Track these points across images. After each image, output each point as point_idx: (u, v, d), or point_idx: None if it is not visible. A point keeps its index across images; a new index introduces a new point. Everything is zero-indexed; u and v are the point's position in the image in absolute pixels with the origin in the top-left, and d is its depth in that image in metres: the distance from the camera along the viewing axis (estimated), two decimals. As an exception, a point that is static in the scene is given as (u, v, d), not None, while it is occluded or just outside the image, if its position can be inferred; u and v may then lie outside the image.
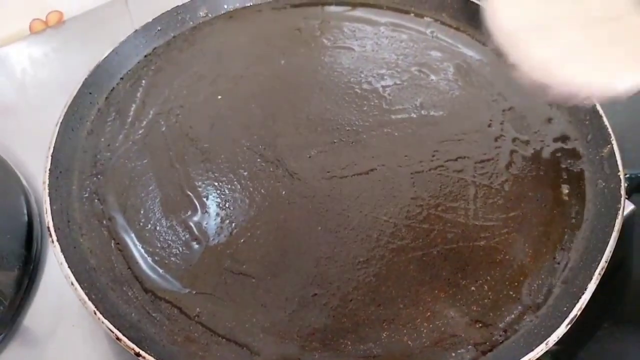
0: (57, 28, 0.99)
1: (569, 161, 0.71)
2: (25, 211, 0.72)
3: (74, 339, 0.65)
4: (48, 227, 0.60)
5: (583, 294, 0.56)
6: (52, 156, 0.66)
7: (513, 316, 0.58)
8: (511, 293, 0.59)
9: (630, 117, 0.80)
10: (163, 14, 0.85)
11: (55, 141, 0.68)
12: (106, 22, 1.00)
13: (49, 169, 0.65)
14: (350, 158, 0.70)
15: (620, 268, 0.67)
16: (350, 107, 0.77)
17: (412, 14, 0.90)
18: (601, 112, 0.71)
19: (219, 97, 0.78)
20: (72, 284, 0.56)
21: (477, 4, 0.86)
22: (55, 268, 0.68)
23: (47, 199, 0.62)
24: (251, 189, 0.67)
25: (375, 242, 0.63)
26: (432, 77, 0.81)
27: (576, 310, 0.55)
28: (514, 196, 0.67)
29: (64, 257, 0.58)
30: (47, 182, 0.64)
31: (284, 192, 0.67)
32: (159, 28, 0.85)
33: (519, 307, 0.58)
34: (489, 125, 0.75)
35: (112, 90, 0.78)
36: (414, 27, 0.88)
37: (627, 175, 0.65)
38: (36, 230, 0.71)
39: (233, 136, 0.73)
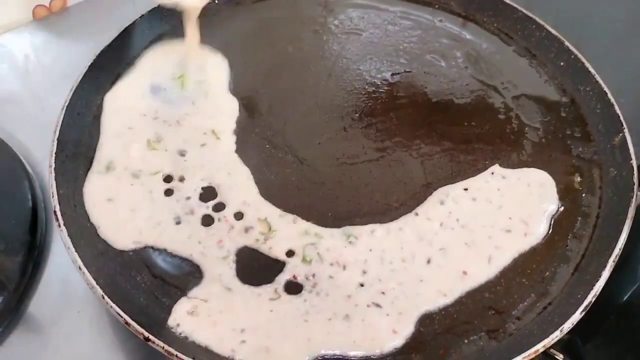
0: (61, 14, 0.98)
1: (580, 149, 0.70)
2: (29, 197, 0.71)
3: (79, 326, 0.64)
4: (55, 212, 0.59)
5: (597, 281, 0.56)
6: (58, 140, 0.65)
7: (526, 303, 0.57)
8: (524, 280, 0.59)
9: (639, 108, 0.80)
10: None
11: (61, 125, 0.67)
12: (110, 8, 0.99)
13: (55, 153, 0.64)
14: (360, 145, 0.70)
15: (629, 257, 0.66)
16: (360, 94, 0.76)
17: (420, 3, 0.89)
18: (612, 100, 0.71)
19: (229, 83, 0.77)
20: (79, 268, 0.55)
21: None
22: (60, 254, 0.68)
23: (54, 183, 0.61)
24: (260, 176, 0.66)
25: (386, 229, 0.62)
26: (442, 63, 0.80)
27: (591, 297, 0.55)
28: (526, 183, 0.67)
29: (71, 241, 0.57)
30: (54, 166, 0.63)
31: (293, 179, 0.66)
32: (165, 14, 0.84)
33: (532, 294, 0.58)
34: (499, 113, 0.74)
35: (118, 75, 0.76)
36: (422, 15, 0.87)
37: (638, 165, 0.65)
38: (41, 216, 0.71)
39: (243, 123, 0.72)
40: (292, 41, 0.83)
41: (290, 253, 0.59)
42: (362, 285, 0.57)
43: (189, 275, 0.58)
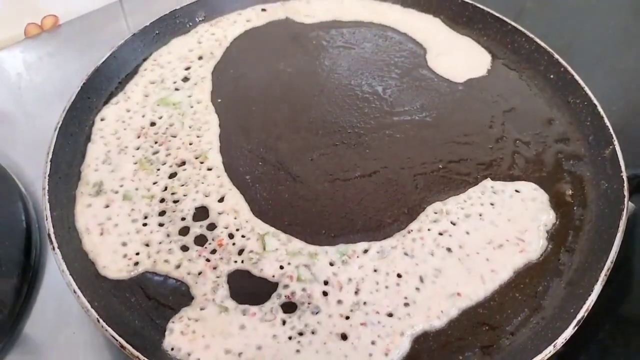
0: (53, 32, 0.98)
1: (571, 162, 0.71)
2: (23, 217, 0.71)
3: (75, 347, 0.64)
4: (49, 234, 0.59)
5: (590, 295, 0.56)
6: (51, 161, 0.65)
7: (520, 318, 0.57)
8: (517, 295, 0.59)
9: (628, 116, 0.81)
10: (161, 17, 0.85)
11: (55, 146, 0.67)
12: (102, 26, 1.00)
13: (49, 175, 0.64)
14: (353, 161, 0.70)
15: (620, 268, 0.67)
16: (352, 109, 0.76)
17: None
18: (602, 112, 0.72)
19: (219, 100, 0.77)
20: (74, 291, 0.55)
21: (475, 5, 0.86)
22: (54, 274, 0.68)
23: (47, 205, 0.61)
24: (252, 194, 0.66)
25: (379, 245, 0.63)
26: (434, 78, 0.81)
27: (583, 312, 0.55)
28: (518, 198, 0.67)
29: (66, 265, 0.57)
30: (47, 187, 0.63)
31: (286, 196, 0.67)
32: (157, 32, 0.84)
33: (526, 309, 0.58)
34: (490, 127, 0.75)
35: (110, 94, 0.77)
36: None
37: (628, 176, 0.65)
38: (34, 236, 0.71)
39: (233, 140, 0.72)
40: (283, 57, 0.84)
41: (284, 273, 0.59)
42: (356, 304, 0.57)
43: (183, 296, 0.58)
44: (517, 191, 0.67)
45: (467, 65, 0.82)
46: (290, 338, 0.55)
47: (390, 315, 0.56)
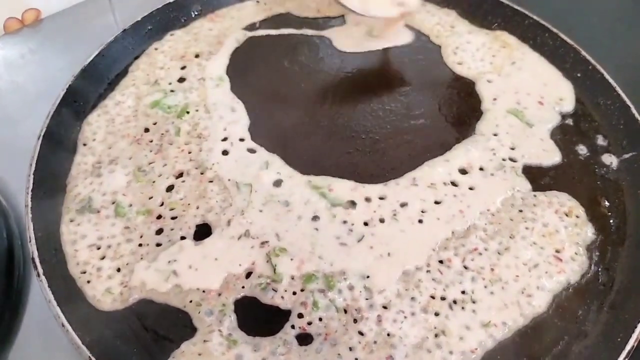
0: (34, 27, 0.91)
1: (604, 169, 0.65)
2: (4, 235, 0.63)
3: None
4: (33, 259, 0.53)
5: (638, 323, 0.51)
6: (34, 175, 0.59)
7: (560, 347, 0.52)
8: (556, 321, 0.53)
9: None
10: (154, 11, 0.78)
11: (37, 157, 0.60)
12: (88, 19, 0.92)
13: (32, 190, 0.58)
14: (369, 170, 0.64)
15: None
16: (365, 112, 0.70)
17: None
18: (636, 115, 0.66)
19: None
20: (62, 325, 0.49)
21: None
22: (40, 298, 0.61)
23: (31, 225, 0.55)
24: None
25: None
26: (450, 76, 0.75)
27: (633, 341, 0.50)
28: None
29: (52, 293, 0.50)
30: (30, 205, 0.57)
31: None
32: (149, 27, 0.77)
33: (565, 336, 0.53)
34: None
35: (99, 97, 0.70)
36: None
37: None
38: (17, 255, 0.63)
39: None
40: (287, 55, 0.77)
41: (297, 300, 0.53)
42: (379, 334, 0.51)
43: (185, 327, 0.52)
44: (549, 202, 0.61)
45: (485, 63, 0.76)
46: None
47: (418, 347, 0.50)
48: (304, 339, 0.51)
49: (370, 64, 0.77)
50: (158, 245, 0.57)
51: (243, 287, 0.54)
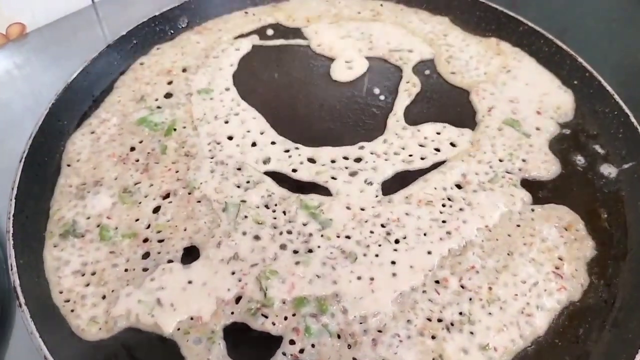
0: (19, 42, 0.89)
1: (602, 181, 0.63)
2: (-15, 259, 0.62)
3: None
4: (14, 287, 0.51)
5: (641, 341, 0.49)
6: (16, 198, 0.57)
7: (561, 369, 0.50)
8: (556, 341, 0.51)
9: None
10: (139, 25, 0.76)
11: (20, 180, 0.58)
12: (74, 33, 0.90)
13: (13, 215, 0.56)
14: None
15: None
16: (357, 125, 0.68)
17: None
18: (636, 124, 0.64)
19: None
20: (45, 358, 0.47)
21: (486, 4, 0.79)
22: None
23: (12, 252, 0.53)
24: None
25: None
26: (444, 85, 0.73)
27: (637, 363, 0.48)
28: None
29: (35, 324, 0.49)
30: (12, 230, 0.54)
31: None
32: (135, 41, 0.75)
33: (566, 357, 0.51)
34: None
35: (83, 115, 0.68)
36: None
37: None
38: (2, 282, 0.61)
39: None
40: (276, 66, 0.76)
41: (288, 325, 0.51)
42: (375, 361, 0.49)
43: (173, 356, 0.50)
44: (548, 216, 0.59)
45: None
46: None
47: (414, 372, 0.49)
48: (297, 366, 0.49)
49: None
50: (145, 270, 0.55)
51: (232, 313, 0.52)
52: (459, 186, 0.62)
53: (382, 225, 0.58)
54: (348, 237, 0.57)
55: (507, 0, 0.80)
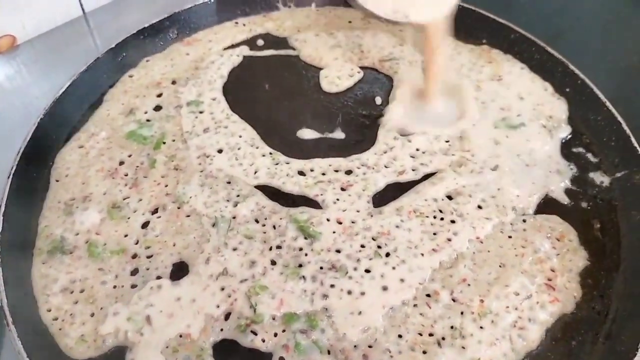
0: (10, 54, 0.88)
1: (595, 190, 0.63)
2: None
3: None
4: (2, 307, 0.50)
5: (634, 355, 0.48)
6: (3, 216, 0.56)
7: (553, 384, 0.50)
8: (549, 354, 0.51)
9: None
10: (128, 37, 0.75)
11: (8, 197, 0.58)
12: (66, 44, 0.90)
13: (0, 232, 0.55)
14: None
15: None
16: (348, 136, 0.68)
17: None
18: (628, 132, 0.64)
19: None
20: (32, 378, 0.46)
21: (477, 11, 0.78)
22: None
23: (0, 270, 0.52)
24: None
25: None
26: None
27: (630, 378, 0.47)
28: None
29: (22, 344, 0.48)
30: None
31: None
32: (124, 54, 0.75)
33: (559, 370, 0.50)
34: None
35: (72, 129, 0.68)
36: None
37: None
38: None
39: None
40: (267, 77, 0.75)
41: (277, 342, 0.50)
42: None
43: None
44: (540, 227, 0.59)
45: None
46: None
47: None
48: (288, 384, 0.49)
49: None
50: (133, 286, 0.54)
51: (222, 330, 0.51)
52: (450, 197, 0.61)
53: (373, 239, 0.57)
54: (338, 250, 0.56)
55: (500, 4, 0.79)
